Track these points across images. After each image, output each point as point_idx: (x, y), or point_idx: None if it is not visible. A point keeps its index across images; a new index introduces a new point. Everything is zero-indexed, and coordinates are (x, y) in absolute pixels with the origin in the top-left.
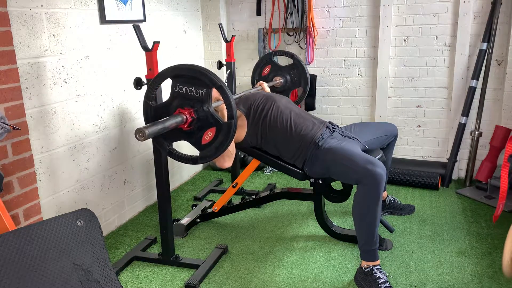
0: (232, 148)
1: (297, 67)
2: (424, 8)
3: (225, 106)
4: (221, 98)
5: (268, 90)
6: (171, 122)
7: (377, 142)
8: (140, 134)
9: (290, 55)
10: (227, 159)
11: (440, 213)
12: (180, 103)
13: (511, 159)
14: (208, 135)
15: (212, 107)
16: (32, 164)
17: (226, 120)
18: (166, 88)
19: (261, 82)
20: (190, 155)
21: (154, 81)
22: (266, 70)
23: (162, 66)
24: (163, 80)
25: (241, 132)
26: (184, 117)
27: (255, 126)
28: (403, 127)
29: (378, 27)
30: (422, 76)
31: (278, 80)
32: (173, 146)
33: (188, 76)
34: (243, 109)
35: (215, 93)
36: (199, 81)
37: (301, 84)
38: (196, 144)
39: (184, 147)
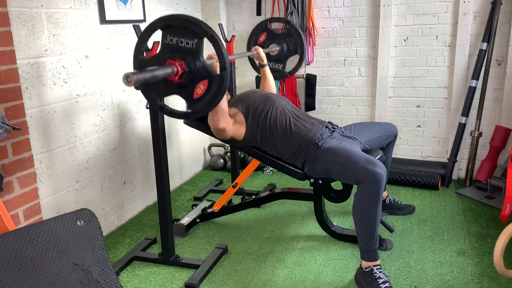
0: (225, 106)
1: (293, 34)
2: (424, 8)
3: (217, 59)
4: (215, 57)
5: (263, 55)
6: (160, 72)
7: (377, 142)
8: (128, 79)
9: (286, 22)
10: (222, 118)
11: (440, 213)
12: (170, 55)
13: None
14: (200, 88)
15: (204, 58)
16: (32, 164)
17: (218, 72)
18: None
19: (257, 47)
20: (182, 111)
21: (144, 32)
22: (262, 38)
23: None
24: (153, 31)
25: (241, 129)
26: (175, 68)
27: (255, 127)
28: (403, 127)
29: (378, 27)
30: (422, 76)
31: (274, 48)
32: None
33: (178, 26)
34: (241, 108)
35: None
36: (190, 31)
37: (297, 52)
38: (188, 98)
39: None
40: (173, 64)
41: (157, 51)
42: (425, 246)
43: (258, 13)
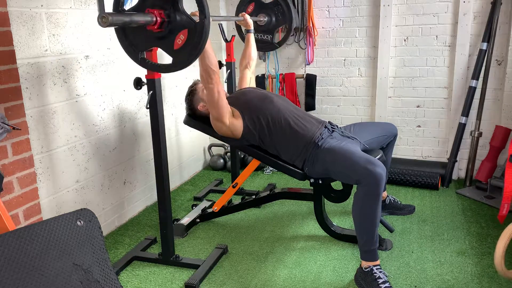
0: (215, 65)
1: (281, 3)
2: (424, 8)
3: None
4: (197, 13)
5: (250, 21)
6: (139, 18)
7: (377, 142)
8: (103, 19)
9: None
10: (213, 76)
11: (440, 213)
12: (149, 5)
13: None
14: (180, 39)
15: (183, 8)
16: (32, 164)
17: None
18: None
19: (243, 13)
20: (163, 64)
21: None
22: (250, 9)
23: None
24: None
25: (239, 122)
26: (154, 17)
27: (252, 126)
28: (403, 127)
29: (378, 27)
30: (422, 76)
31: (262, 18)
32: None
33: None
34: (237, 107)
35: (201, 93)
36: None
37: (285, 22)
38: (168, 49)
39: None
40: (152, 13)
41: (136, 3)
42: (425, 246)
43: None
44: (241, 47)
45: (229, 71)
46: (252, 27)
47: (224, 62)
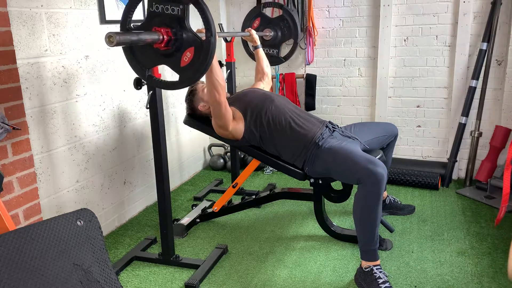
0: (221, 79)
1: (287, 18)
2: (424, 8)
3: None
4: (203, 30)
5: (256, 37)
6: (146, 36)
7: (377, 142)
8: (110, 39)
9: (280, 6)
10: (221, 91)
11: (440, 213)
12: (156, 23)
13: None
14: (187, 56)
15: (190, 26)
16: (32, 164)
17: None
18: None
19: (249, 28)
20: (170, 81)
21: (129, 3)
22: (256, 24)
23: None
24: (139, 1)
25: (240, 126)
26: (161, 36)
27: (253, 125)
28: (403, 127)
29: (378, 27)
30: (422, 76)
31: (268, 33)
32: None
33: None
34: (238, 106)
35: (201, 93)
36: None
37: (291, 36)
38: (175, 67)
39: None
40: (159, 31)
41: (143, 21)
42: (425, 246)
43: None
44: (241, 47)
45: (229, 71)
46: (259, 43)
47: (224, 62)
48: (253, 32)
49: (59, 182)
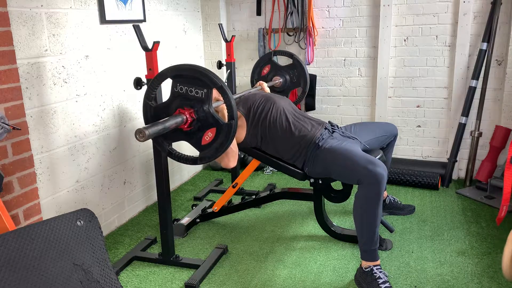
0: (235, 147)
1: (297, 67)
2: (424, 8)
3: (225, 107)
4: (221, 98)
5: (267, 90)
6: (171, 122)
7: (377, 142)
8: (140, 134)
9: (290, 55)
10: (232, 159)
11: (440, 213)
12: (180, 103)
13: None
14: (208, 136)
15: (212, 107)
16: (32, 164)
17: (226, 120)
18: (166, 88)
19: (261, 82)
20: (190, 156)
21: (154, 80)
22: (266, 70)
23: (162, 66)
24: (163, 80)
25: (241, 133)
26: (184, 117)
27: (255, 127)
28: (403, 127)
29: (378, 27)
30: (422, 76)
31: (278, 80)
32: (173, 146)
33: (188, 76)
34: (242, 110)
35: (215, 93)
36: (200, 81)
37: (300, 84)
38: (196, 144)
39: (184, 147)
40: (183, 113)
41: (167, 99)
42: (425, 246)
43: (258, 13)
44: (241, 47)
45: (229, 71)
46: (269, 91)
47: (224, 62)
48: (265, 85)
49: (59, 182)
